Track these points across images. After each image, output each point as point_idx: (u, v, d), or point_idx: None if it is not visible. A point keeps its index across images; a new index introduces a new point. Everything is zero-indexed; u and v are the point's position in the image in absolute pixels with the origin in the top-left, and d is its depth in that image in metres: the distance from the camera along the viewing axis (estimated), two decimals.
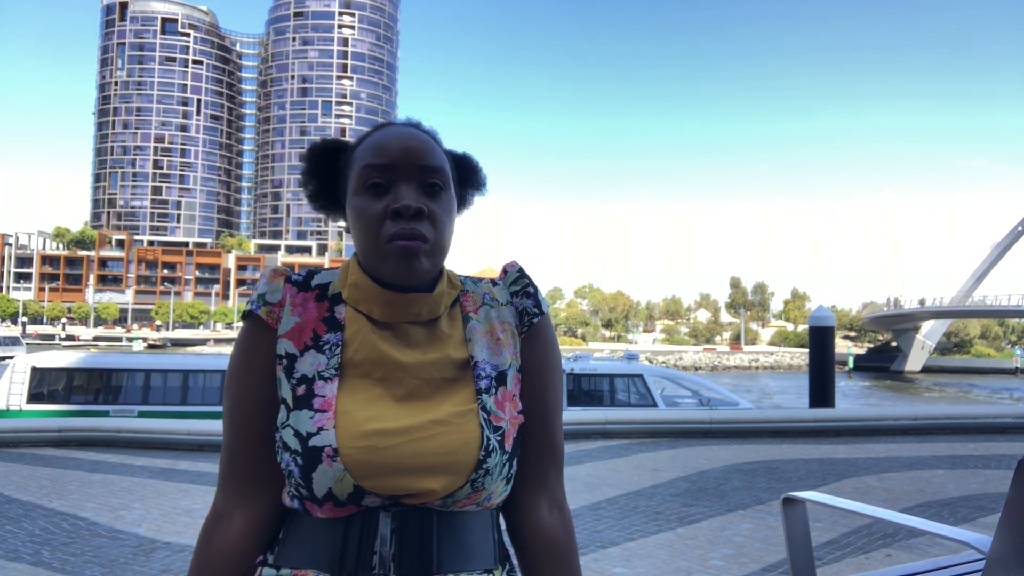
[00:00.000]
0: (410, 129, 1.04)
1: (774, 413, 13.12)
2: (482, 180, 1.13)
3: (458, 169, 1.10)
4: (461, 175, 1.11)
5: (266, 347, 1.02)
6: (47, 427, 8.30)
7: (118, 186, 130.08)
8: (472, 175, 1.12)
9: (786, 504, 2.17)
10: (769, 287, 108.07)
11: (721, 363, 69.89)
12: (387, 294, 1.01)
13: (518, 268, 1.12)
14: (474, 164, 1.12)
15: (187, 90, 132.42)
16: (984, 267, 64.62)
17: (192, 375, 17.72)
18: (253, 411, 1.02)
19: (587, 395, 18.12)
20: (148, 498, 5.77)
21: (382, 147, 1.01)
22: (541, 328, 1.09)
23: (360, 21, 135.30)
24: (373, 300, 1.02)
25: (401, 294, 1.01)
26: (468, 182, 1.12)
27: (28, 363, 16.99)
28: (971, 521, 5.09)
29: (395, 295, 1.01)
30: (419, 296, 1.02)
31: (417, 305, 1.02)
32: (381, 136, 1.03)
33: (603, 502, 5.60)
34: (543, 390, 1.07)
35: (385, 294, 1.01)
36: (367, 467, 0.93)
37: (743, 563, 4.20)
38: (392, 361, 1.00)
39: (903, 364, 64.80)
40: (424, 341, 1.03)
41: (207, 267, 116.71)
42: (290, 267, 1.09)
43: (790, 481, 6.34)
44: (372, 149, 1.02)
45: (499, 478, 1.00)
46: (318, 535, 0.97)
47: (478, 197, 1.14)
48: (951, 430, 9.20)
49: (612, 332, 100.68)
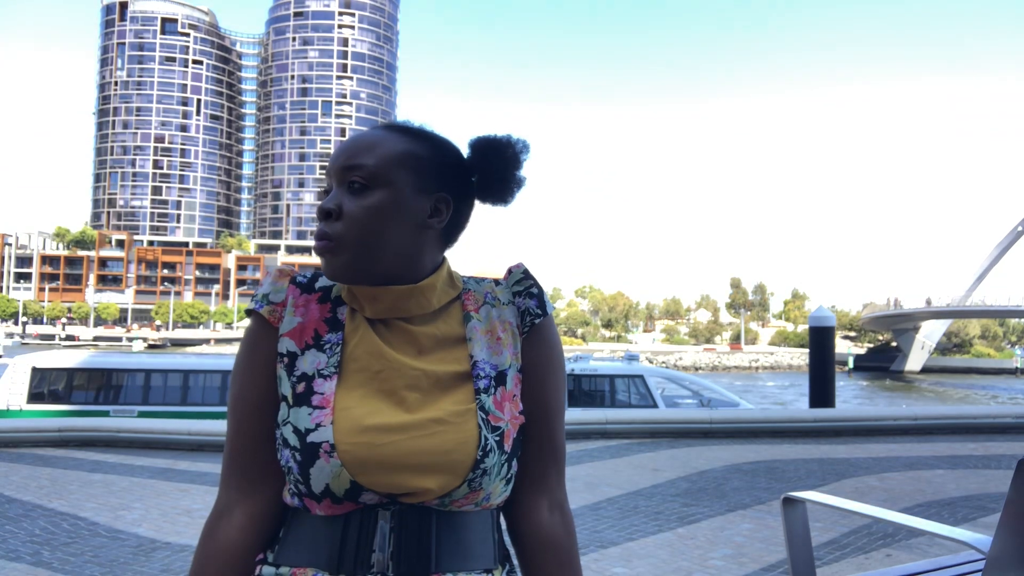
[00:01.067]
0: (368, 132, 1.05)
1: (774, 413, 13.13)
2: (463, 177, 1.07)
3: (447, 164, 1.06)
4: (447, 171, 1.06)
5: (268, 345, 1.03)
6: (47, 427, 8.29)
7: (118, 186, 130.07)
8: (458, 171, 1.07)
9: (786, 504, 2.17)
10: (769, 287, 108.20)
11: (721, 363, 69.92)
12: (370, 290, 1.02)
13: (523, 269, 1.11)
14: (456, 161, 1.07)
15: (187, 90, 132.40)
16: (984, 267, 64.66)
17: (192, 375, 17.74)
18: (254, 408, 1.03)
19: (587, 395, 18.13)
20: (148, 498, 5.76)
21: (331, 154, 1.06)
22: (543, 329, 1.08)
23: (360, 21, 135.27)
24: (361, 297, 1.03)
25: (383, 288, 1.02)
26: (452, 177, 1.06)
27: (28, 363, 17.00)
28: (971, 521, 5.09)
29: (379, 290, 1.02)
30: (401, 289, 1.02)
31: (402, 299, 1.02)
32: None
33: (603, 502, 5.60)
34: (544, 391, 1.07)
35: (368, 290, 1.02)
36: (364, 463, 0.94)
37: (743, 563, 4.20)
38: (391, 359, 1.00)
39: (903, 364, 64.83)
40: (423, 340, 1.03)
41: (207, 267, 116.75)
42: (292, 267, 1.10)
43: (790, 481, 6.34)
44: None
45: (497, 478, 0.99)
46: (317, 534, 0.98)
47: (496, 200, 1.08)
48: (951, 430, 9.19)
49: (612, 332, 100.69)
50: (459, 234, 1.10)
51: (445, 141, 1.08)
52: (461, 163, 1.07)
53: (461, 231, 1.10)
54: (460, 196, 1.07)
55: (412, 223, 1.02)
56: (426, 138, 1.06)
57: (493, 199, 1.09)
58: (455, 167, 1.06)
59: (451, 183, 1.06)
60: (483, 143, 1.07)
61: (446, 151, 1.07)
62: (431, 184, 1.04)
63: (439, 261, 1.08)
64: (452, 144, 1.09)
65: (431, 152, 1.05)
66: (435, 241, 1.06)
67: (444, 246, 1.09)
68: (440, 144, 1.07)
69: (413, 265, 1.03)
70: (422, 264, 1.04)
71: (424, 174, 1.03)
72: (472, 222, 1.12)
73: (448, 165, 1.06)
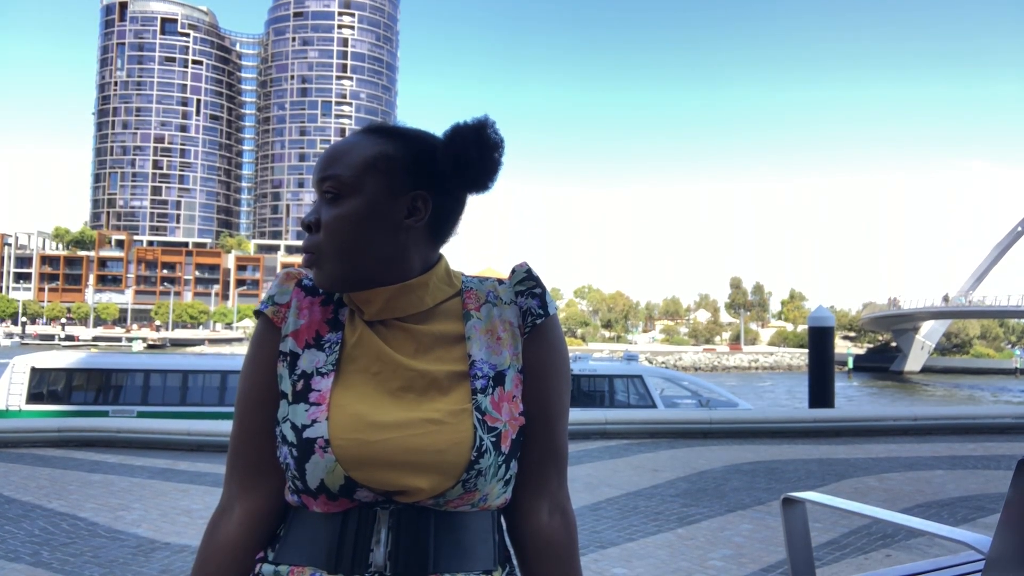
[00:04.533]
0: (343, 140, 1.05)
1: (774, 413, 13.12)
2: (438, 170, 1.04)
3: (421, 161, 1.04)
4: (424, 168, 1.04)
5: (271, 345, 1.05)
6: (47, 427, 8.29)
7: (118, 186, 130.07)
8: (431, 166, 1.04)
9: (786, 504, 2.16)
10: (768, 287, 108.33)
11: (721, 363, 69.89)
12: (362, 294, 1.03)
13: (526, 269, 1.11)
14: (431, 155, 1.04)
15: (187, 90, 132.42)
16: (984, 267, 64.65)
17: (191, 375, 17.73)
18: (255, 406, 1.04)
19: (586, 396, 18.13)
20: (148, 498, 5.76)
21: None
22: (546, 329, 1.07)
23: (360, 21, 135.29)
24: (356, 301, 1.04)
25: (376, 289, 1.02)
26: (428, 173, 1.04)
27: (28, 363, 16.99)
28: (971, 521, 5.09)
29: (369, 292, 1.03)
30: (390, 289, 1.02)
31: (393, 298, 1.03)
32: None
33: (603, 502, 5.60)
34: (545, 392, 1.06)
35: (360, 294, 1.03)
36: (357, 458, 0.95)
37: (743, 563, 4.20)
38: (388, 357, 1.01)
39: (903, 364, 64.80)
40: (422, 338, 1.03)
41: (207, 267, 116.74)
42: (299, 271, 1.11)
43: (790, 481, 6.34)
44: None
45: (494, 479, 0.99)
46: (316, 532, 0.98)
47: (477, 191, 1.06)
48: (951, 430, 9.20)
49: (611, 332, 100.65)
50: (451, 228, 1.08)
51: (421, 136, 1.06)
52: (436, 156, 1.03)
53: (453, 225, 1.08)
54: (439, 190, 1.04)
55: (389, 226, 1.02)
56: (400, 136, 1.05)
57: (472, 186, 1.05)
58: (430, 162, 1.04)
59: (428, 179, 1.04)
60: (456, 130, 1.03)
61: (420, 146, 1.04)
62: (405, 183, 1.03)
63: (433, 259, 1.07)
64: (429, 137, 1.07)
65: (404, 151, 1.03)
66: (421, 239, 1.05)
67: (436, 243, 1.07)
68: (414, 140, 1.05)
69: (399, 266, 1.03)
70: (410, 264, 1.04)
71: (396, 174, 1.02)
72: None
73: (422, 161, 1.04)
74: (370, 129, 1.06)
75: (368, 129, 1.06)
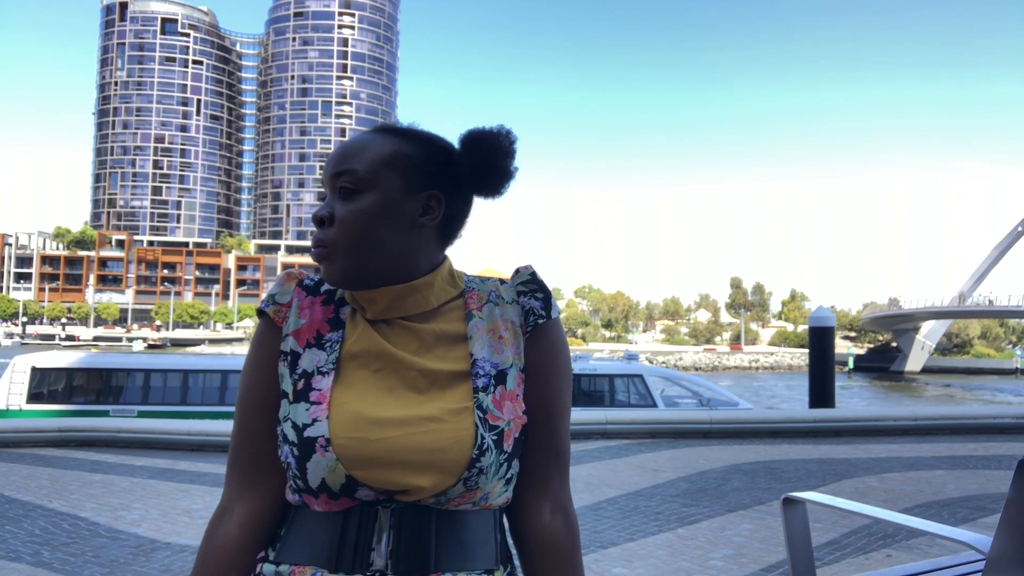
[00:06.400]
0: (357, 136, 1.06)
1: (774, 413, 13.12)
2: (452, 172, 1.06)
3: (436, 161, 1.05)
4: (436, 168, 1.05)
5: (272, 344, 1.06)
6: (47, 427, 8.29)
7: (118, 186, 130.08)
8: (449, 168, 1.06)
9: (786, 504, 2.17)
10: (768, 287, 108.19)
11: (721, 363, 69.87)
12: (367, 293, 1.03)
13: (530, 271, 1.11)
14: (446, 156, 1.06)
15: (187, 90, 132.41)
16: (984, 267, 64.61)
17: (192, 375, 17.73)
18: (256, 405, 1.05)
19: (587, 395, 18.11)
20: (148, 498, 5.77)
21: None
22: (548, 330, 1.07)
23: (360, 21, 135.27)
24: (360, 300, 1.04)
25: (378, 289, 1.03)
26: (442, 174, 1.05)
27: (28, 363, 16.98)
28: (971, 521, 5.09)
29: (375, 292, 1.03)
30: (396, 288, 1.03)
31: (399, 298, 1.03)
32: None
33: (603, 502, 5.60)
34: (547, 392, 1.06)
35: (365, 293, 1.03)
36: (357, 457, 0.95)
37: (743, 563, 4.20)
38: (389, 355, 1.01)
39: (903, 364, 64.79)
40: (424, 337, 1.03)
41: (207, 267, 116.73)
42: (300, 271, 1.12)
43: (790, 481, 6.34)
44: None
45: (495, 478, 1.00)
46: (317, 532, 0.98)
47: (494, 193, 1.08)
48: (951, 430, 9.19)
49: (612, 332, 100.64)
50: (458, 230, 1.10)
51: (434, 138, 1.08)
52: (452, 158, 1.06)
53: (460, 227, 1.10)
54: (453, 192, 1.06)
55: (404, 223, 1.03)
56: (415, 137, 1.06)
57: (486, 191, 1.08)
58: (445, 163, 1.06)
59: (442, 179, 1.05)
60: (474, 136, 1.06)
61: (435, 148, 1.06)
62: (421, 182, 1.04)
63: (439, 260, 1.08)
64: (442, 140, 1.09)
65: (420, 151, 1.05)
66: (431, 239, 1.06)
67: (443, 244, 1.09)
68: (429, 141, 1.07)
69: (409, 265, 1.04)
70: (418, 263, 1.04)
71: (413, 173, 1.04)
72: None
73: (438, 162, 1.05)
74: (382, 129, 1.07)
75: (380, 128, 1.07)
